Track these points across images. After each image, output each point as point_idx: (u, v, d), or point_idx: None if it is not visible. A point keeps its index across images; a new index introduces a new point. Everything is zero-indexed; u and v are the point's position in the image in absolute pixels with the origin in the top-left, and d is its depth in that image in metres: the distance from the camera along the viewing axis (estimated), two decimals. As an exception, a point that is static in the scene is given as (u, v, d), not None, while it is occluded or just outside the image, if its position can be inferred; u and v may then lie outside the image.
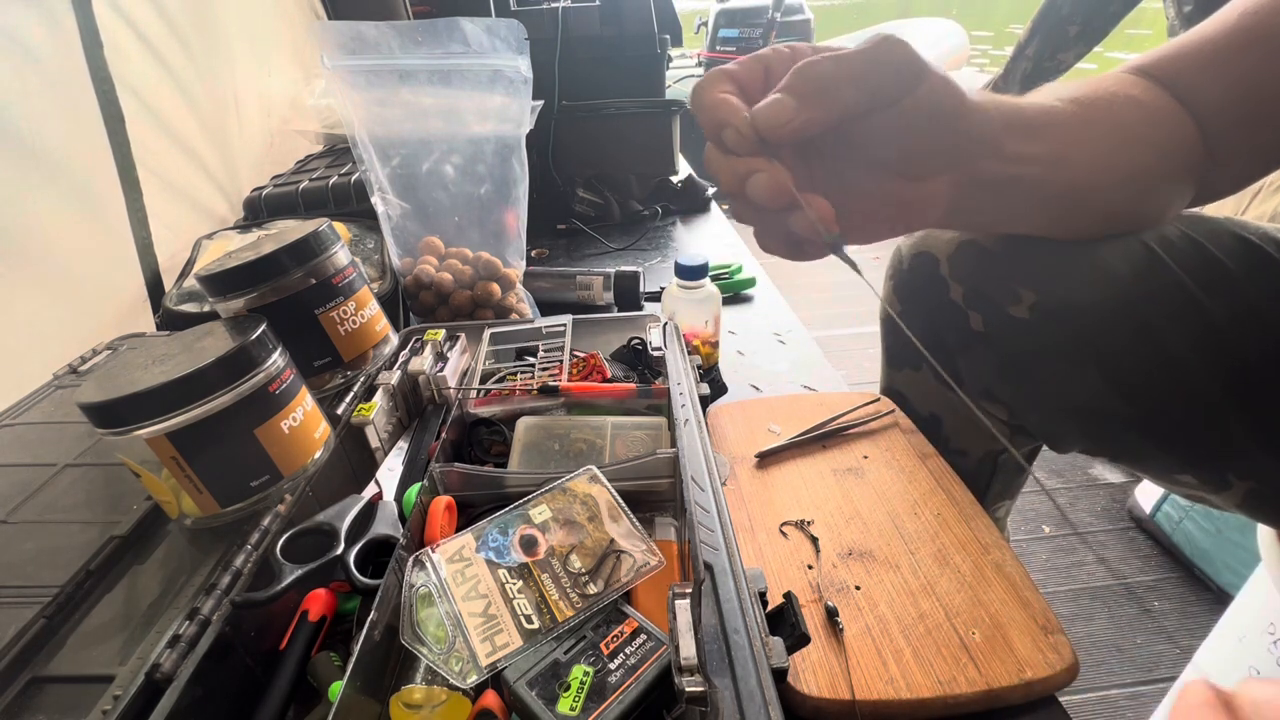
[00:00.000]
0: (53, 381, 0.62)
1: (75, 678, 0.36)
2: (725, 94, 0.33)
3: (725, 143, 0.33)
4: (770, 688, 0.26)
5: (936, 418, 0.60)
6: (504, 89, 0.81)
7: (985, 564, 0.46)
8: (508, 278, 0.84)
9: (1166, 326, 0.41)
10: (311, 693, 0.40)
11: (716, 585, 0.30)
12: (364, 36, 0.76)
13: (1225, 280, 0.41)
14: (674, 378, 0.53)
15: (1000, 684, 0.39)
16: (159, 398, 0.40)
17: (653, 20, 1.31)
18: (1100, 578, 1.19)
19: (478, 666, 0.37)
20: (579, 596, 0.40)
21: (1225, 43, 0.38)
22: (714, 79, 0.34)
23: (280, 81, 1.22)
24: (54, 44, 0.73)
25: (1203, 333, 0.41)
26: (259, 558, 0.42)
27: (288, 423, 0.45)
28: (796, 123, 0.31)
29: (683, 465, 0.41)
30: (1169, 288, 0.41)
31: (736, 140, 0.32)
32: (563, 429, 0.56)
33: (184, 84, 0.95)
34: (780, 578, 0.47)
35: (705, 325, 0.75)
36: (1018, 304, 0.47)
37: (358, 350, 0.58)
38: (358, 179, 0.91)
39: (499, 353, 0.68)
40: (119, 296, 0.80)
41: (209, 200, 0.99)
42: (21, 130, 0.68)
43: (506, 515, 0.45)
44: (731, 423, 0.64)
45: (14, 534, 0.44)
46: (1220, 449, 0.43)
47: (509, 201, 0.87)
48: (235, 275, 0.51)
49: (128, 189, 0.82)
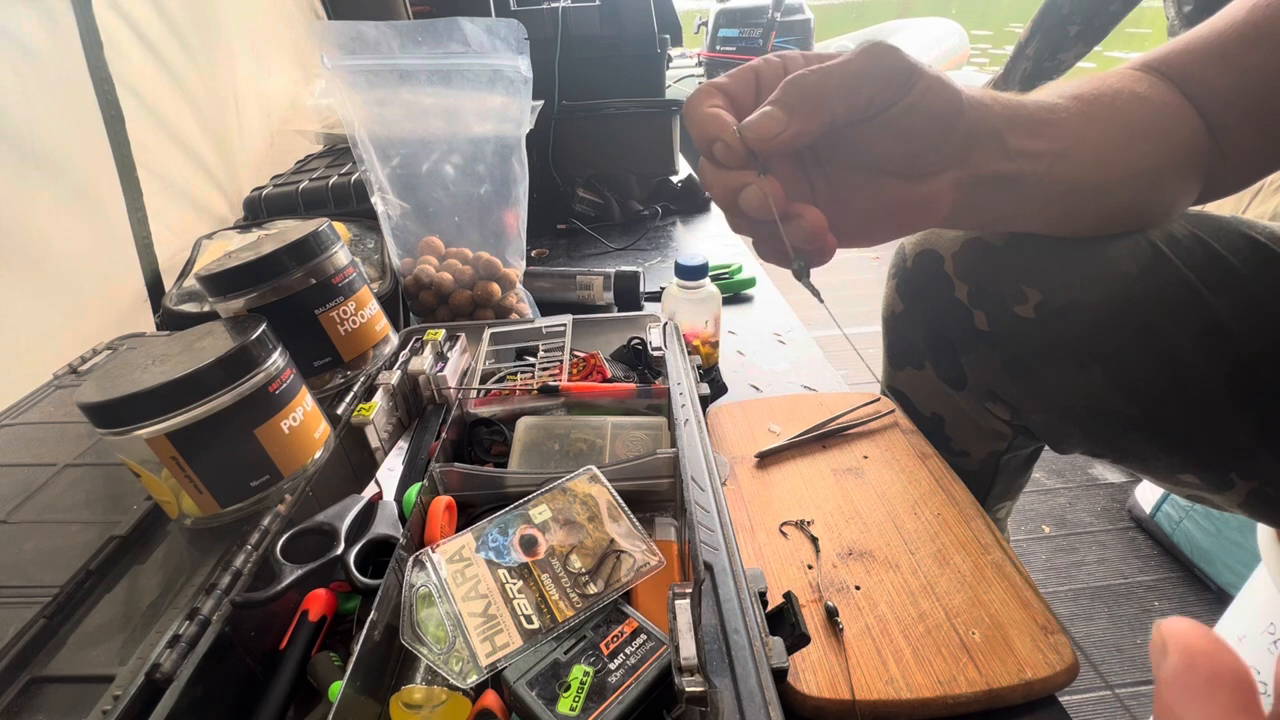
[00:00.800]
0: (53, 381, 0.62)
1: (75, 678, 0.36)
2: (715, 108, 0.33)
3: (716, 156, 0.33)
4: (770, 688, 0.26)
5: (939, 417, 0.60)
6: (504, 89, 0.81)
7: (985, 564, 0.46)
8: (508, 278, 0.84)
9: (1172, 325, 0.41)
10: (311, 693, 0.40)
11: (716, 585, 0.30)
12: (364, 36, 0.76)
13: (1231, 278, 0.41)
14: (674, 378, 0.53)
15: (1000, 684, 0.39)
16: (159, 398, 0.40)
17: (653, 20, 1.31)
18: (1100, 578, 1.19)
19: (478, 666, 0.37)
20: (579, 596, 0.40)
21: (1235, 36, 0.38)
22: (704, 93, 0.34)
23: (280, 81, 1.22)
24: (54, 44, 0.73)
25: (1208, 331, 0.41)
26: (259, 558, 0.42)
27: (288, 423, 0.45)
28: (785, 135, 0.31)
29: (683, 465, 0.41)
30: (1175, 286, 0.41)
31: (726, 154, 0.33)
32: (563, 429, 0.56)
33: (184, 84, 0.95)
34: (780, 578, 0.47)
35: (705, 325, 0.75)
36: (1024, 303, 0.46)
37: (358, 350, 0.58)
38: (358, 179, 0.91)
39: (499, 353, 0.68)
40: (119, 296, 0.80)
41: (209, 200, 0.99)
42: (21, 130, 0.68)
43: (506, 515, 0.45)
44: (731, 423, 0.64)
45: (14, 534, 0.44)
46: (1224, 449, 0.43)
47: (509, 201, 0.87)
48: (235, 275, 0.51)
49: (128, 189, 0.82)
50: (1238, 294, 0.40)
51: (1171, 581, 1.17)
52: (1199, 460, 0.45)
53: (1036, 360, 0.48)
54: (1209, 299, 0.40)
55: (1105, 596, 1.15)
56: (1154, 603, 1.13)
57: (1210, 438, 0.43)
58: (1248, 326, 0.40)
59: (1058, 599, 1.15)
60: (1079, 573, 1.20)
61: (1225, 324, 0.40)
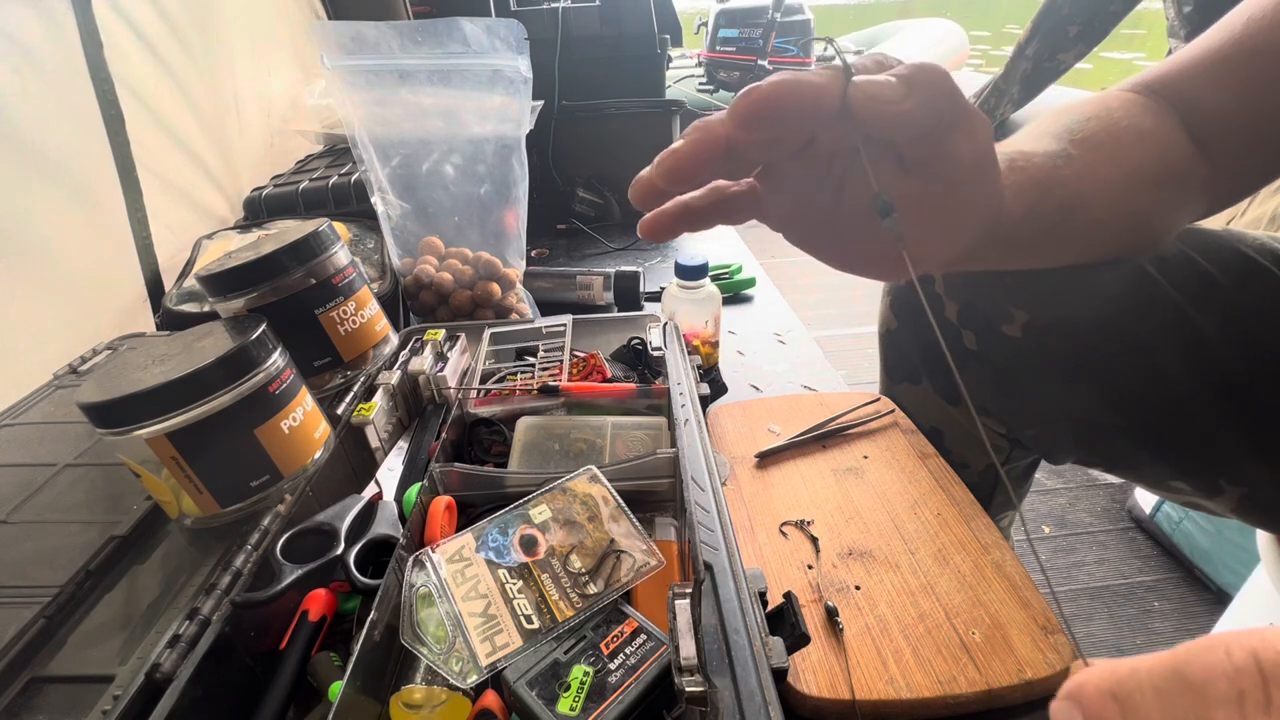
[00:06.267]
0: (53, 381, 0.62)
1: (75, 678, 0.36)
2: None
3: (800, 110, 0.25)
4: (770, 688, 0.26)
5: (938, 431, 0.60)
6: (504, 89, 0.81)
7: (985, 564, 0.46)
8: (508, 278, 0.84)
9: (1157, 341, 0.42)
10: (311, 693, 0.40)
11: (716, 585, 0.30)
12: (364, 36, 0.76)
13: (1215, 294, 0.41)
14: (674, 378, 0.53)
15: (1000, 684, 0.39)
16: (159, 398, 0.40)
17: (653, 20, 1.31)
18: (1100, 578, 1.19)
19: (478, 666, 0.37)
20: (579, 596, 0.40)
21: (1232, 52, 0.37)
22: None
23: (280, 81, 1.22)
24: (54, 44, 0.73)
25: (1193, 345, 0.41)
26: (259, 558, 0.42)
27: (288, 423, 0.45)
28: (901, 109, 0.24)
29: (683, 465, 0.41)
30: (1161, 304, 0.42)
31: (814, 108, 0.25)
32: (563, 429, 0.56)
33: (184, 84, 0.95)
34: (780, 578, 0.47)
35: (705, 325, 0.75)
36: (1010, 323, 0.47)
37: (358, 350, 0.58)
38: (358, 179, 0.91)
39: (499, 353, 0.68)
40: (119, 296, 0.80)
41: (209, 200, 0.99)
42: (21, 130, 0.68)
43: (506, 515, 0.45)
44: (731, 423, 0.64)
45: (14, 534, 0.44)
46: (1211, 456, 0.44)
47: (509, 201, 0.87)
48: (235, 275, 0.51)
49: (128, 189, 0.82)
50: (1224, 311, 0.41)
51: (1171, 582, 1.17)
52: (1188, 467, 0.45)
53: (1025, 378, 0.48)
54: (1194, 316, 0.41)
55: (1105, 597, 1.15)
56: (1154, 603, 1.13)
57: (1197, 446, 0.44)
58: (1233, 341, 0.40)
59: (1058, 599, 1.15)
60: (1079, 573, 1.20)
61: (1211, 340, 0.41)
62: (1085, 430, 0.48)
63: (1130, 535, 1.27)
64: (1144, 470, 0.48)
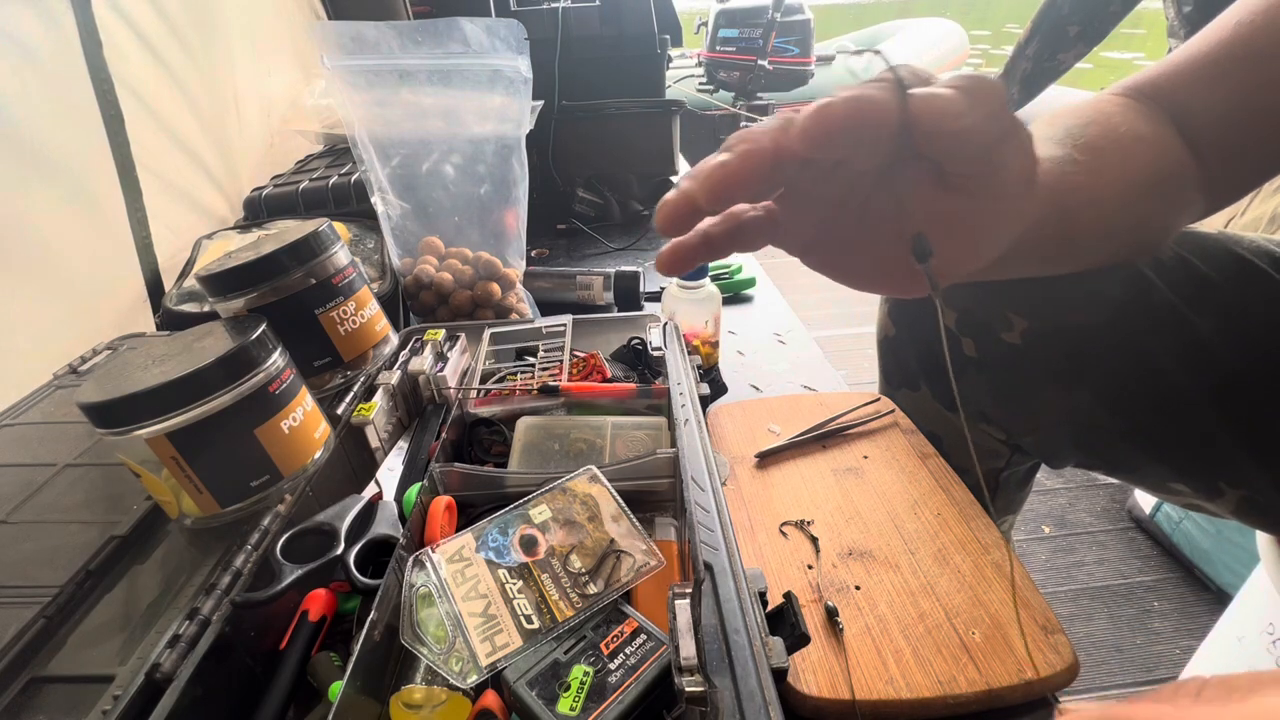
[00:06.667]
0: (53, 381, 0.62)
1: (75, 678, 0.36)
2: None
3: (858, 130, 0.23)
4: (770, 688, 0.26)
5: (936, 437, 0.60)
6: (504, 89, 0.81)
7: (985, 564, 0.46)
8: (508, 278, 0.84)
9: (1155, 344, 0.42)
10: (311, 693, 0.40)
11: (716, 585, 0.30)
12: (364, 36, 0.76)
13: (1212, 296, 0.41)
14: (674, 378, 0.53)
15: (1000, 684, 0.39)
16: (159, 398, 0.40)
17: (653, 20, 1.31)
18: (1100, 578, 1.19)
19: (478, 666, 0.37)
20: (579, 596, 0.40)
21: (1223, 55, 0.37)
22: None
23: (280, 81, 1.22)
24: (53, 44, 0.73)
25: (1190, 347, 0.41)
26: (259, 558, 0.42)
27: (288, 423, 0.45)
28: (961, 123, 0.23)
29: (683, 465, 0.41)
30: (1158, 308, 0.42)
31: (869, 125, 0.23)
32: (563, 429, 0.56)
33: (184, 84, 0.95)
34: (780, 578, 0.47)
35: (705, 325, 0.75)
36: (1010, 330, 0.47)
37: (358, 350, 0.58)
38: (358, 179, 0.91)
39: (499, 353, 0.68)
40: (119, 296, 0.80)
41: (209, 200, 0.99)
42: (21, 130, 0.68)
43: (506, 515, 0.45)
44: (731, 423, 0.64)
45: (14, 534, 0.44)
46: (1210, 458, 0.44)
47: (509, 201, 0.87)
48: (235, 275, 0.51)
49: (127, 189, 0.82)
50: (1221, 313, 0.41)
51: (1171, 582, 1.17)
52: (1187, 470, 0.46)
53: (1024, 385, 0.48)
54: (1192, 318, 0.41)
55: (1105, 597, 1.15)
56: (1154, 603, 1.13)
57: (1197, 448, 0.44)
58: (1230, 343, 0.41)
59: (1058, 599, 1.15)
60: (1079, 573, 1.20)
61: (1208, 342, 0.41)
62: (1085, 434, 0.48)
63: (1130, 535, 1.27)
64: (1144, 472, 0.49)
